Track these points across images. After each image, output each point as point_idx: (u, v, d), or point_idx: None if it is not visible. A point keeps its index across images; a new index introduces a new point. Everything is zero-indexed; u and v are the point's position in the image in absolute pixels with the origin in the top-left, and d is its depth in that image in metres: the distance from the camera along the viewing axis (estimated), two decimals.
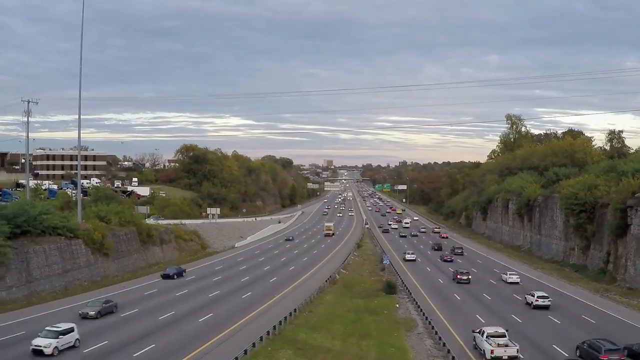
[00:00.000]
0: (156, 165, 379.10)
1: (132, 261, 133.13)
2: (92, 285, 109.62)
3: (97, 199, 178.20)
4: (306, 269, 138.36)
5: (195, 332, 74.31)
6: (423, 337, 79.22)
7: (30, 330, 71.51)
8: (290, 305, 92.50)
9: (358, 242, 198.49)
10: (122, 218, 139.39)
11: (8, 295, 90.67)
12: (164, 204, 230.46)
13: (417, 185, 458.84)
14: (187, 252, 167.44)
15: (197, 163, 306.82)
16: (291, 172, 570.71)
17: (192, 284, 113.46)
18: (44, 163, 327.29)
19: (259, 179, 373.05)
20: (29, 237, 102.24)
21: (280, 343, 71.05)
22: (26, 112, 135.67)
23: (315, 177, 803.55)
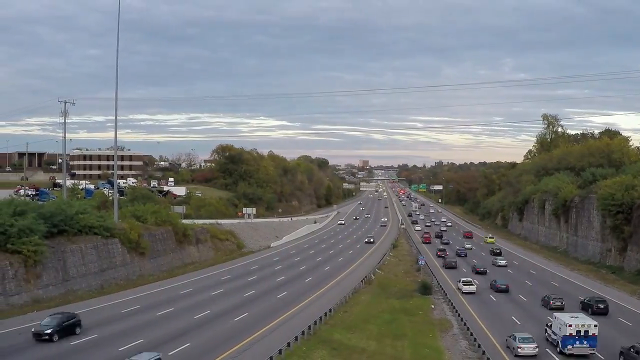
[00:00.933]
0: (192, 165, 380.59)
1: (168, 260, 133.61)
2: (128, 284, 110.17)
3: (133, 199, 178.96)
4: (342, 269, 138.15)
5: (230, 332, 74.41)
6: (458, 338, 78.92)
7: None
8: (326, 305, 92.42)
9: (394, 243, 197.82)
10: (158, 218, 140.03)
11: (45, 294, 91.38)
12: (200, 204, 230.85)
13: (453, 186, 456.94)
14: (223, 251, 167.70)
15: (233, 163, 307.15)
16: (327, 172, 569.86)
17: (228, 284, 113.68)
18: (80, 163, 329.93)
19: (294, 179, 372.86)
20: (66, 236, 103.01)
21: (315, 343, 70.96)
22: (63, 113, 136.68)
23: (350, 177, 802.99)
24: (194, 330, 74.43)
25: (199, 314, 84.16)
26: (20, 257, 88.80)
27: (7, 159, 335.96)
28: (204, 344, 67.41)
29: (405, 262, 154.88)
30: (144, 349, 64.02)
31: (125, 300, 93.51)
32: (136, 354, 56.80)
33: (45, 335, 66.44)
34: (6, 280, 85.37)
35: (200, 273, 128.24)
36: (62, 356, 61.39)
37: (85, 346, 64.21)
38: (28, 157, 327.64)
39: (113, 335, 70.01)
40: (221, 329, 75.58)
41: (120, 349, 63.62)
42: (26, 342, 65.80)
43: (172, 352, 63.21)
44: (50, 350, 63.02)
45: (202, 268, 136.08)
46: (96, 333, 70.35)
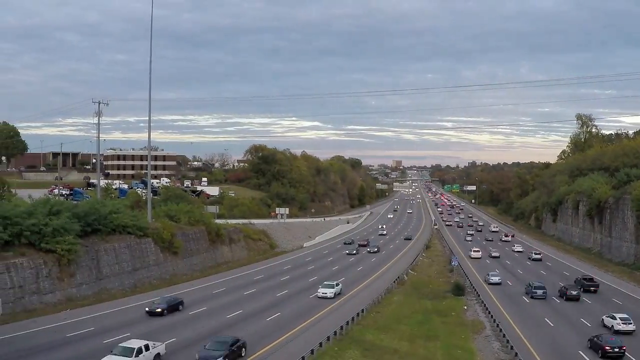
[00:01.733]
0: (225, 166, 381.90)
1: (200, 260, 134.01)
2: (161, 283, 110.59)
3: (166, 199, 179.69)
4: (374, 269, 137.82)
5: (263, 331, 74.35)
6: (490, 339, 78.42)
7: (99, 326, 72.54)
8: (358, 305, 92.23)
9: (427, 243, 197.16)
10: (191, 217, 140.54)
11: (78, 292, 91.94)
12: (233, 204, 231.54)
13: (487, 186, 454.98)
14: (256, 251, 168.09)
15: (266, 163, 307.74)
16: (360, 173, 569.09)
17: (260, 283, 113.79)
18: (114, 163, 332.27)
19: (327, 179, 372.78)
20: (100, 235, 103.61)
21: (347, 343, 70.79)
22: (97, 113, 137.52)
23: (384, 177, 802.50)
24: (226, 329, 74.36)
25: (232, 313, 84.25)
26: (54, 256, 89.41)
27: (42, 159, 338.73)
28: None
29: (438, 263, 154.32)
30: (177, 347, 64.33)
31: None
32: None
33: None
34: (40, 278, 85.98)
35: (233, 273, 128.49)
36: (91, 354, 61.69)
37: (115, 344, 64.32)
38: (62, 157, 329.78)
39: (145, 334, 69.81)
40: (254, 328, 75.52)
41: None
42: (58, 341, 66.23)
43: None
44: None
45: (235, 268, 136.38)
46: (128, 332, 70.42)
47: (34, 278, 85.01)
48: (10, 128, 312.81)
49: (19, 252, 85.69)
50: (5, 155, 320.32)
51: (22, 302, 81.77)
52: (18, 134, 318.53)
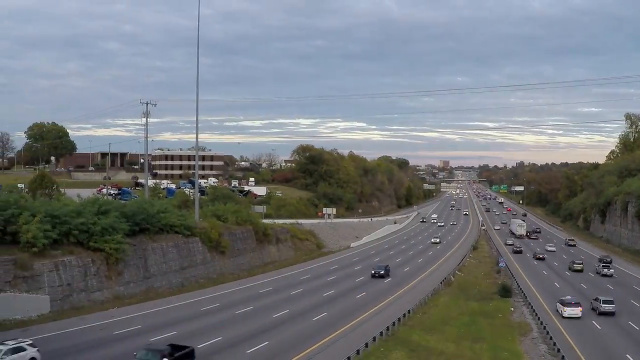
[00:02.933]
0: (273, 166, 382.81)
1: (247, 259, 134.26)
2: (208, 282, 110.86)
3: (214, 198, 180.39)
4: (421, 270, 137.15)
5: (309, 331, 74.24)
6: (537, 342, 77.41)
7: (146, 324, 72.86)
8: (405, 306, 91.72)
9: (474, 244, 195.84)
10: (238, 217, 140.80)
11: (126, 290, 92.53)
12: (281, 204, 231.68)
13: (535, 187, 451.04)
14: (303, 251, 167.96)
15: (313, 163, 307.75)
16: (407, 173, 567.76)
17: (307, 283, 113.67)
18: (162, 163, 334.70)
19: (375, 180, 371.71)
20: (147, 234, 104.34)
21: (393, 344, 70.40)
22: (145, 114, 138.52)
23: (431, 177, 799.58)
24: (273, 329, 74.44)
25: (278, 313, 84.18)
26: (102, 254, 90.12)
27: (90, 159, 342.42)
28: (282, 343, 67.35)
29: (485, 264, 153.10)
30: (223, 346, 64.40)
31: (205, 298, 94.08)
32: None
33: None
34: (88, 277, 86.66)
35: (279, 272, 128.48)
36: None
37: (162, 343, 64.55)
38: (110, 157, 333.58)
39: (192, 332, 70.34)
40: (300, 328, 75.48)
41: (199, 345, 63.79)
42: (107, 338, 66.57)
43: (250, 350, 63.32)
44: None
45: (282, 267, 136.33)
46: (175, 330, 70.77)
47: (82, 276, 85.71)
48: (59, 129, 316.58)
49: (68, 250, 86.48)
50: (54, 155, 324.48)
51: (70, 300, 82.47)
52: (67, 135, 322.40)
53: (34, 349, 57.16)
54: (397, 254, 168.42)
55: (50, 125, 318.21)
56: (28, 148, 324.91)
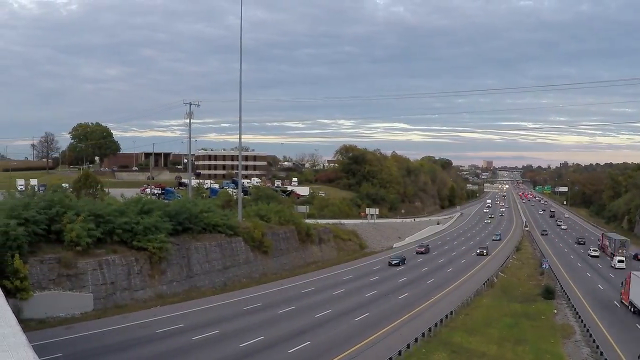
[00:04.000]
0: (316, 166, 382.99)
1: (290, 259, 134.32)
2: (250, 282, 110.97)
3: (257, 198, 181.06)
4: (464, 271, 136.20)
5: (351, 331, 73.91)
6: (580, 345, 76.56)
7: (188, 323, 72.97)
8: (447, 307, 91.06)
9: (517, 245, 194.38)
10: (281, 217, 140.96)
11: (169, 289, 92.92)
12: (323, 204, 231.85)
13: (578, 187, 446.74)
14: (345, 251, 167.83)
15: (356, 163, 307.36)
16: (450, 173, 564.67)
17: (349, 283, 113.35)
18: (205, 163, 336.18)
19: (418, 180, 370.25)
20: (191, 234, 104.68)
21: (435, 345, 69.90)
22: (188, 114, 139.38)
23: (474, 178, 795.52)
24: (315, 329, 74.24)
25: (320, 313, 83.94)
26: (145, 253, 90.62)
27: (134, 159, 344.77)
28: (324, 343, 67.11)
29: (528, 266, 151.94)
30: (264, 346, 64.29)
31: (247, 298, 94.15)
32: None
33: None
34: (131, 275, 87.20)
35: (322, 272, 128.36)
36: (180, 351, 61.99)
37: (203, 342, 64.67)
38: (154, 158, 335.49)
39: (234, 331, 70.38)
40: (341, 329, 75.18)
41: (241, 345, 63.86)
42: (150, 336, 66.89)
43: (292, 350, 63.15)
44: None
45: (324, 267, 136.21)
46: (217, 329, 70.82)
47: (125, 275, 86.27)
48: (103, 129, 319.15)
49: (111, 249, 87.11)
50: (98, 156, 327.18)
51: (113, 298, 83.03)
52: (111, 135, 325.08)
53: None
54: (440, 255, 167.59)
55: (94, 125, 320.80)
56: (72, 148, 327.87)
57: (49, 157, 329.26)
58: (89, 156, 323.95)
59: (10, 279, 68.18)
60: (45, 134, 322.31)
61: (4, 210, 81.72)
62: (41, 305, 72.15)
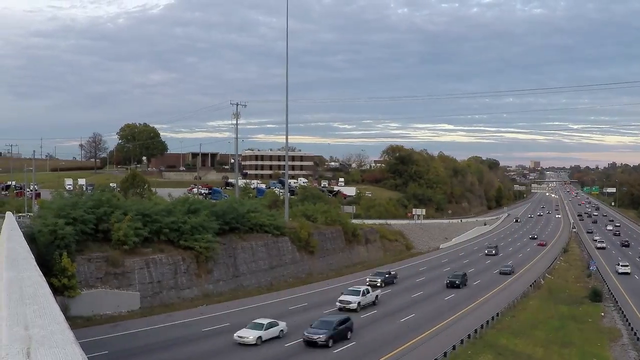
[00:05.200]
0: (362, 166, 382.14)
1: (336, 259, 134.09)
2: (296, 281, 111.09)
3: (303, 198, 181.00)
4: (511, 272, 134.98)
5: (397, 332, 73.63)
6: (627, 348, 75.62)
7: (234, 322, 73.03)
8: (493, 309, 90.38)
9: (564, 247, 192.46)
10: (328, 217, 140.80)
11: (215, 289, 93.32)
12: (370, 204, 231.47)
13: (627, 188, 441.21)
14: (392, 252, 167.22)
15: (403, 164, 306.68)
16: (497, 174, 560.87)
17: (396, 284, 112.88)
18: (252, 163, 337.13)
19: (465, 180, 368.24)
20: (237, 233, 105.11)
21: (480, 347, 69.40)
22: (235, 115, 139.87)
23: (521, 178, 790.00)
24: (361, 329, 73.90)
25: (366, 314, 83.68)
26: (192, 253, 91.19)
27: (182, 160, 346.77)
28: (370, 343, 66.90)
29: (576, 268, 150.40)
30: (307, 347, 64.18)
31: (293, 298, 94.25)
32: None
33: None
34: (178, 274, 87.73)
35: (368, 273, 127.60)
36: (225, 350, 62.05)
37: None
38: (201, 158, 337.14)
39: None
40: (387, 329, 74.91)
41: (286, 345, 63.96)
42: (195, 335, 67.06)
43: (337, 350, 63.07)
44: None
45: (371, 268, 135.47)
46: None
47: (172, 274, 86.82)
48: (150, 129, 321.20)
49: (158, 248, 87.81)
50: (146, 156, 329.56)
51: (159, 297, 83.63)
52: (158, 135, 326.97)
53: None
54: (487, 256, 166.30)
55: (141, 126, 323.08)
56: (120, 148, 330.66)
57: (97, 157, 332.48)
58: (136, 156, 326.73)
59: (58, 277, 68.90)
60: (93, 135, 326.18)
61: (52, 210, 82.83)
62: (88, 303, 72.89)
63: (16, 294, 12.48)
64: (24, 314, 10.18)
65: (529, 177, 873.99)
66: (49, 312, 10.76)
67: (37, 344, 8.09)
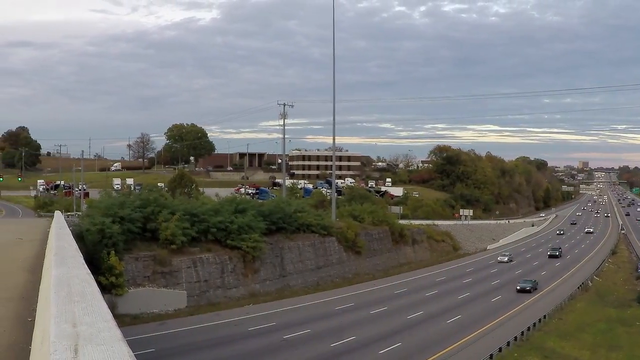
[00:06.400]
0: (409, 166, 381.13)
1: (383, 260, 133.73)
2: (343, 281, 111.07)
3: (351, 198, 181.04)
4: (558, 274, 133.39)
5: (442, 333, 73.34)
6: None
7: (280, 322, 73.30)
8: (540, 311, 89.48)
9: (613, 249, 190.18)
10: (375, 217, 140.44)
11: (262, 288, 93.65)
12: (417, 205, 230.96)
13: None
14: (439, 252, 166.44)
15: (450, 164, 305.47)
16: (545, 174, 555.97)
17: (442, 285, 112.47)
18: (299, 163, 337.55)
19: (512, 181, 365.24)
20: (284, 233, 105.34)
21: (526, 350, 68.83)
22: (282, 115, 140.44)
23: (570, 179, 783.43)
24: (406, 330, 73.84)
25: (412, 314, 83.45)
26: (239, 252, 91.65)
27: (229, 160, 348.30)
28: (415, 345, 66.78)
29: (624, 270, 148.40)
30: (355, 346, 64.22)
31: (339, 298, 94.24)
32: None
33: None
34: (225, 274, 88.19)
35: (415, 273, 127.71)
36: (271, 349, 62.20)
37: (294, 341, 64.86)
38: (248, 158, 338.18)
39: (325, 331, 70.50)
40: (433, 330, 74.66)
41: (332, 344, 63.90)
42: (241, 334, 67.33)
43: (383, 351, 62.98)
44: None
45: (417, 268, 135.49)
46: (309, 328, 71.03)
47: (219, 273, 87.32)
48: (198, 129, 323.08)
49: (205, 248, 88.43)
50: (193, 156, 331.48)
51: (206, 296, 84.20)
52: (206, 135, 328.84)
53: None
54: (534, 258, 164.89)
55: (189, 126, 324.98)
56: (168, 148, 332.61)
57: (145, 157, 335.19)
58: (184, 156, 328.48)
59: (106, 276, 69.64)
60: (142, 135, 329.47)
61: (100, 209, 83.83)
62: (135, 301, 73.55)
63: (64, 291, 12.63)
64: (72, 311, 10.30)
65: (577, 178, 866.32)
66: (97, 310, 10.88)
67: (84, 340, 8.18)
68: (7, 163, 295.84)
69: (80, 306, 11.08)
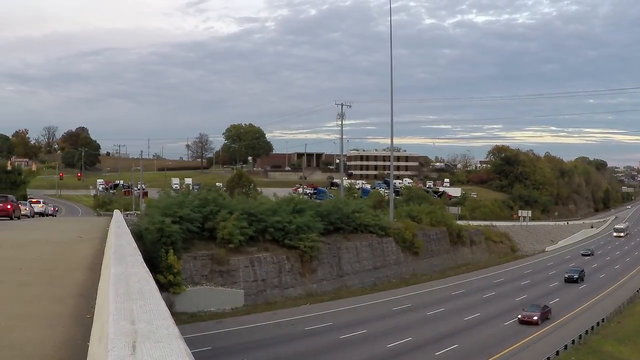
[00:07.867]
0: (468, 167, 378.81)
1: (440, 261, 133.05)
2: (400, 282, 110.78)
3: (408, 199, 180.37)
4: (617, 277, 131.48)
5: (499, 336, 72.95)
6: None
7: (337, 322, 73.35)
8: (598, 314, 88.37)
9: None
10: (433, 218, 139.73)
11: (319, 288, 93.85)
12: (475, 205, 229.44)
13: None
14: (497, 254, 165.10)
15: (508, 164, 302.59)
16: (605, 175, 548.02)
17: (500, 287, 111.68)
18: (357, 163, 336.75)
19: (571, 182, 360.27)
20: (342, 233, 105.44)
21: (584, 354, 68.10)
22: (340, 115, 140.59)
23: (630, 180, 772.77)
24: (463, 331, 73.49)
25: (469, 316, 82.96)
26: (297, 252, 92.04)
27: (287, 160, 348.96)
28: (471, 347, 66.49)
29: None
30: (412, 347, 64.07)
31: (396, 298, 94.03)
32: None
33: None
34: (282, 273, 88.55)
35: (472, 275, 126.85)
36: (327, 349, 62.25)
37: (351, 341, 64.85)
38: (306, 158, 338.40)
39: (382, 331, 70.44)
40: (490, 333, 74.26)
41: (388, 345, 63.82)
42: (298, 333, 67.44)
43: (439, 353, 62.88)
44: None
45: (475, 270, 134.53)
46: (365, 328, 71.02)
47: (276, 272, 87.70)
48: (256, 130, 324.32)
49: (263, 247, 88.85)
50: (251, 156, 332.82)
51: (263, 295, 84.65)
52: (263, 136, 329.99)
53: None
54: (593, 260, 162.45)
55: (247, 126, 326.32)
56: (226, 149, 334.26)
57: (203, 157, 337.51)
58: (242, 156, 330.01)
59: (164, 274, 70.29)
60: (200, 135, 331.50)
61: (160, 208, 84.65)
62: (193, 299, 74.23)
63: (123, 289, 12.72)
64: (130, 309, 10.37)
65: (637, 179, 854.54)
66: (155, 308, 10.88)
67: (142, 338, 8.21)
68: (67, 163, 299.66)
69: (139, 304, 11.14)
